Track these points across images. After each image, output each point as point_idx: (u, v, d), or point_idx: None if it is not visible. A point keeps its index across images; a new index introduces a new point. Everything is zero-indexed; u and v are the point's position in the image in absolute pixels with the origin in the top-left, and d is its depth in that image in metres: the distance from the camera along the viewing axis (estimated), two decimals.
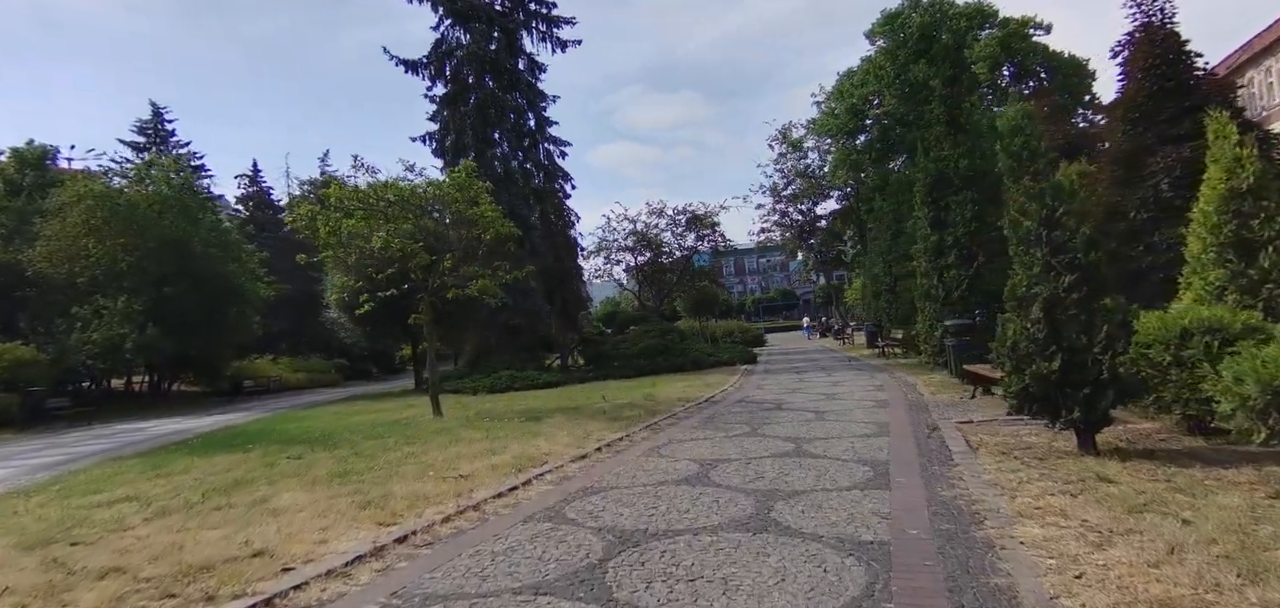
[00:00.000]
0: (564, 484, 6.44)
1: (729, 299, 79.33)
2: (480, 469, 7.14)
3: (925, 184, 13.35)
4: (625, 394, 15.21)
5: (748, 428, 9.22)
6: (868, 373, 16.98)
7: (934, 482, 5.76)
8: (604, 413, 11.61)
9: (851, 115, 45.68)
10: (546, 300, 32.10)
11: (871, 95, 45.64)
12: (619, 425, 10.01)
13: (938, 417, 9.26)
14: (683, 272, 38.29)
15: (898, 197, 25.50)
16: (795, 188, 50.35)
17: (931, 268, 13.17)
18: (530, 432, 9.80)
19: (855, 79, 46.77)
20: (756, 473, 6.40)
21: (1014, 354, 6.69)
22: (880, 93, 44.63)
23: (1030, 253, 6.73)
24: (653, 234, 36.95)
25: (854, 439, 7.88)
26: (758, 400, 12.51)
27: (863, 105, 45.70)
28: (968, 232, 12.66)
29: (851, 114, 45.67)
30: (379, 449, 9.00)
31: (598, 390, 17.28)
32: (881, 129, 43.87)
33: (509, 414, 12.55)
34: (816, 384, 14.88)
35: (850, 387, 13.78)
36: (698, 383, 17.00)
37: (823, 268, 56.52)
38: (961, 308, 12.53)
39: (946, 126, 13.16)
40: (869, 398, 11.68)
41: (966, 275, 12.57)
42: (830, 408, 10.76)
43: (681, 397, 13.65)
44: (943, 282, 12.88)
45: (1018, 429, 8.05)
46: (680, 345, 24.49)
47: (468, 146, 25.20)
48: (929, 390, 12.04)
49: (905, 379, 14.45)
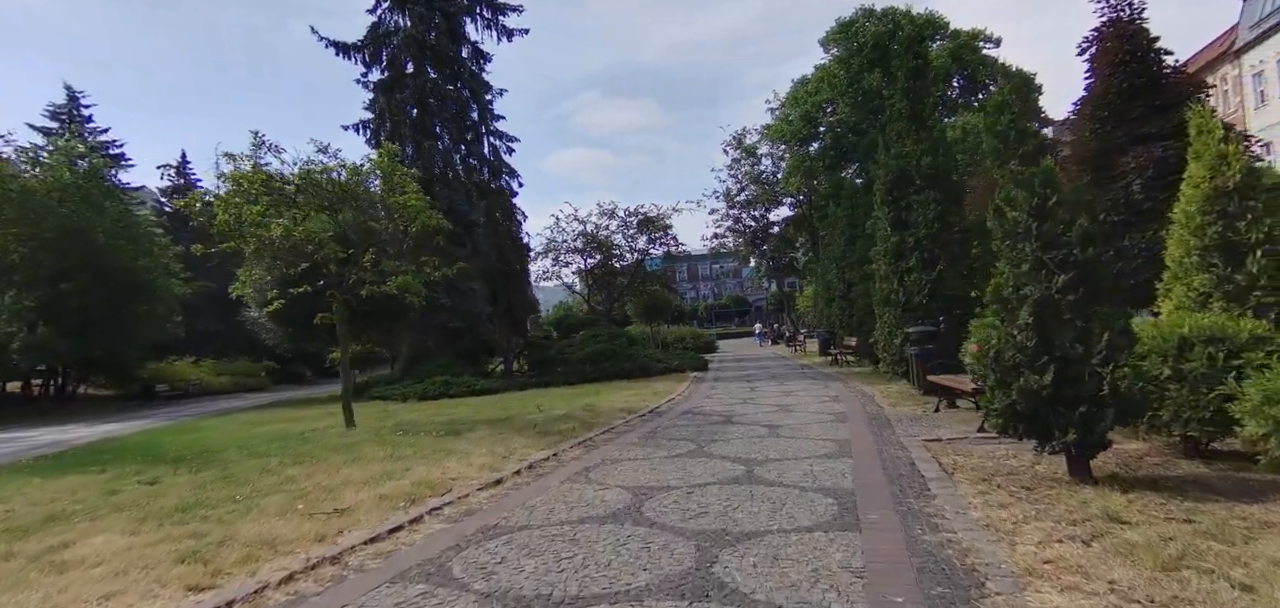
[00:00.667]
0: (463, 522, 5.19)
1: (682, 305, 78.78)
2: (365, 501, 5.83)
3: (886, 182, 12.56)
4: (565, 403, 13.97)
5: (693, 446, 8.11)
6: (822, 382, 16.14)
7: (912, 520, 4.73)
8: (535, 426, 10.35)
9: (805, 122, 45.59)
10: (490, 302, 30.64)
11: (825, 103, 45.64)
12: (548, 441, 8.78)
13: (902, 434, 8.33)
14: (634, 275, 37.15)
15: (852, 201, 25.00)
16: (749, 194, 50.04)
17: (891, 271, 12.37)
18: (444, 449, 8.48)
19: (809, 86, 46.73)
20: (699, 506, 5.28)
21: (998, 365, 5.75)
22: (834, 101, 44.60)
23: (1017, 248, 5.80)
24: (603, 236, 35.71)
25: (813, 462, 6.85)
26: (706, 412, 11.45)
27: (816, 112, 45.66)
28: (930, 233, 11.90)
29: (805, 121, 45.58)
30: (256, 471, 7.55)
31: (537, 398, 15.98)
32: (834, 137, 43.84)
33: (430, 426, 11.18)
34: (769, 394, 13.93)
35: (805, 398, 12.86)
36: (644, 391, 15.87)
37: (775, 274, 56.44)
38: (923, 314, 11.74)
39: (908, 121, 12.40)
40: (826, 411, 10.75)
41: (928, 279, 11.79)
42: (785, 422, 9.75)
43: (624, 407, 12.50)
44: (903, 286, 12.08)
45: (992, 449, 7.16)
46: (628, 351, 23.35)
47: (405, 137, 23.59)
48: (888, 402, 11.19)
49: (862, 390, 13.62)
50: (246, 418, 16.70)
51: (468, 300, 23.85)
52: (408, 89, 23.53)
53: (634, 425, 10.24)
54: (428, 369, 21.61)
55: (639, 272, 38.15)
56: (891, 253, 12.41)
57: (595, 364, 21.99)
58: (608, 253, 36.59)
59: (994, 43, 47.32)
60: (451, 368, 21.22)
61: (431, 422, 11.98)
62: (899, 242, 12.32)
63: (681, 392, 15.70)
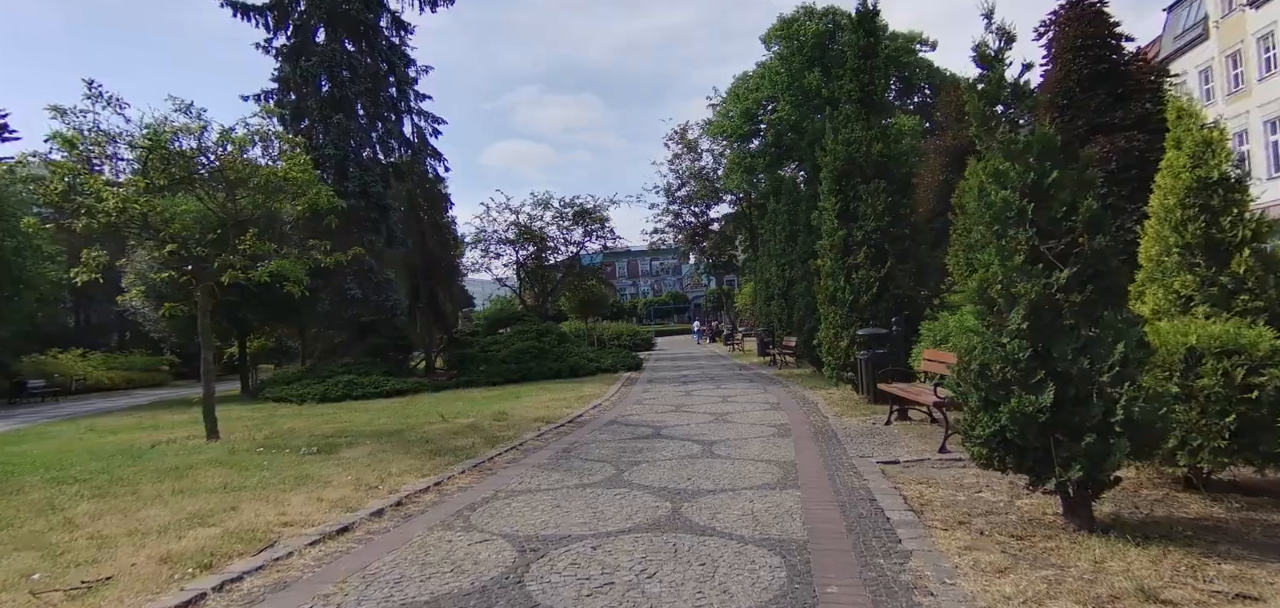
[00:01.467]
0: (261, 605, 3.64)
1: (620, 301, 77.48)
2: (140, 563, 4.19)
3: (833, 170, 11.50)
4: (477, 409, 12.38)
5: (612, 471, 6.73)
6: (761, 386, 15.07)
7: (885, 597, 3.48)
8: (429, 441, 8.76)
9: (745, 118, 45.09)
10: (411, 295, 28.60)
11: (766, 100, 45.25)
12: (437, 464, 7.24)
13: (854, 453, 7.19)
14: (569, 269, 35.56)
15: (793, 197, 24.20)
16: (689, 189, 49.27)
17: (838, 267, 11.32)
18: (301, 475, 6.83)
19: (750, 83, 46.24)
20: (605, 571, 3.90)
21: (983, 382, 4.59)
22: (775, 98, 44.21)
23: (1009, 236, 4.66)
24: (537, 227, 33.98)
25: (754, 495, 5.57)
26: (634, 423, 10.10)
27: (757, 110, 45.22)
28: (880, 226, 10.89)
29: (745, 117, 45.07)
30: (32, 509, 5.74)
31: (449, 402, 14.31)
32: (775, 134, 43.45)
33: (306, 439, 9.42)
34: (705, 400, 12.72)
35: (743, 404, 11.69)
36: (569, 395, 14.41)
37: (714, 272, 55.92)
38: (870, 314, 10.74)
39: (859, 104, 11.38)
40: (767, 422, 9.57)
41: (878, 277, 10.79)
42: (720, 437, 8.50)
43: (542, 415, 11.02)
44: (851, 284, 11.04)
45: (958, 476, 6.08)
46: (557, 349, 21.83)
47: (310, 110, 21.31)
48: (834, 411, 10.12)
49: (804, 395, 12.57)
50: (106, 423, 14.39)
51: (383, 292, 21.80)
52: (316, 57, 21.24)
53: (547, 441, 8.78)
54: (334, 367, 19.49)
55: (575, 265, 36.60)
56: (838, 248, 11.36)
57: (520, 363, 20.39)
58: (541, 245, 34.92)
59: (930, 46, 47.96)
60: (360, 366, 19.18)
61: (311, 433, 10.19)
62: (846, 236, 11.28)
63: (610, 396, 14.32)
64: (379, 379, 18.03)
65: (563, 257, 35.57)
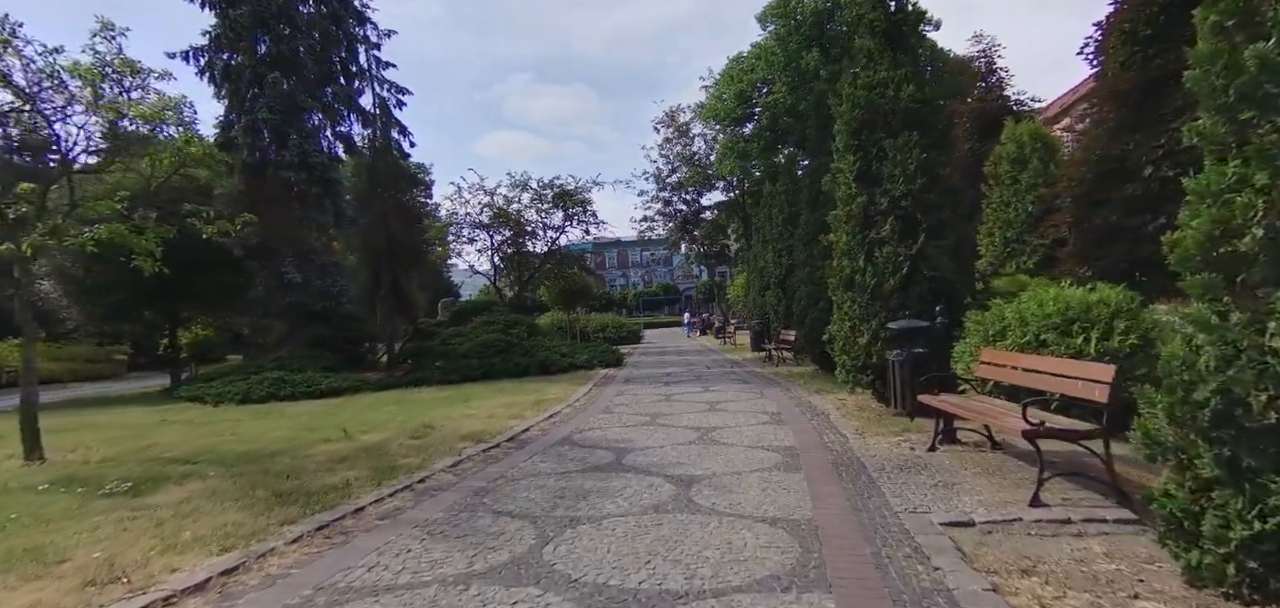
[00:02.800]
0: None
1: (609, 292, 75.00)
2: None
3: (851, 121, 9.08)
4: (402, 418, 9.93)
5: (530, 539, 4.31)
6: (756, 387, 12.69)
7: None
8: (292, 476, 6.28)
9: (740, 101, 42.79)
10: (372, 281, 26.04)
11: (761, 82, 43.01)
12: (267, 522, 4.78)
13: (900, 504, 4.79)
14: (548, 256, 33.02)
15: (791, 176, 21.85)
16: (681, 175, 46.99)
17: (856, 244, 8.91)
18: (31, 548, 4.37)
19: (745, 64, 43.80)
20: None
21: (1225, 427, 2.19)
22: (771, 80, 41.99)
23: None
24: (513, 211, 31.36)
25: (755, 600, 3.17)
26: (591, 443, 7.68)
27: (752, 92, 42.95)
28: (910, 191, 8.49)
29: (740, 99, 42.76)
30: None
31: (379, 407, 11.87)
32: (770, 117, 41.19)
33: (147, 465, 6.96)
34: (687, 407, 10.34)
35: (736, 414, 9.31)
36: (527, 398, 11.96)
37: (706, 262, 53.64)
38: (898, 301, 8.35)
39: (883, 38, 8.98)
40: (767, 444, 7.18)
41: (907, 255, 8.39)
42: (704, 469, 6.11)
43: (477, 430, 8.55)
44: (873, 264, 8.64)
45: (1086, 555, 3.70)
46: (526, 343, 19.36)
47: (243, 70, 18.69)
48: (853, 427, 7.74)
49: (810, 401, 10.20)
50: None
51: (328, 276, 19.23)
52: (248, 6, 18.58)
53: (463, 474, 6.34)
54: (265, 363, 16.95)
55: (560, 253, 34.02)
56: (857, 218, 8.94)
57: (483, 359, 17.92)
58: (519, 230, 32.35)
59: (934, 25, 45.62)
60: (298, 361, 16.64)
61: (167, 455, 7.70)
62: (867, 203, 8.86)
63: (577, 399, 11.90)
64: (314, 376, 15.52)
65: (544, 243, 33.03)
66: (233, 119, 18.42)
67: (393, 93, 26.37)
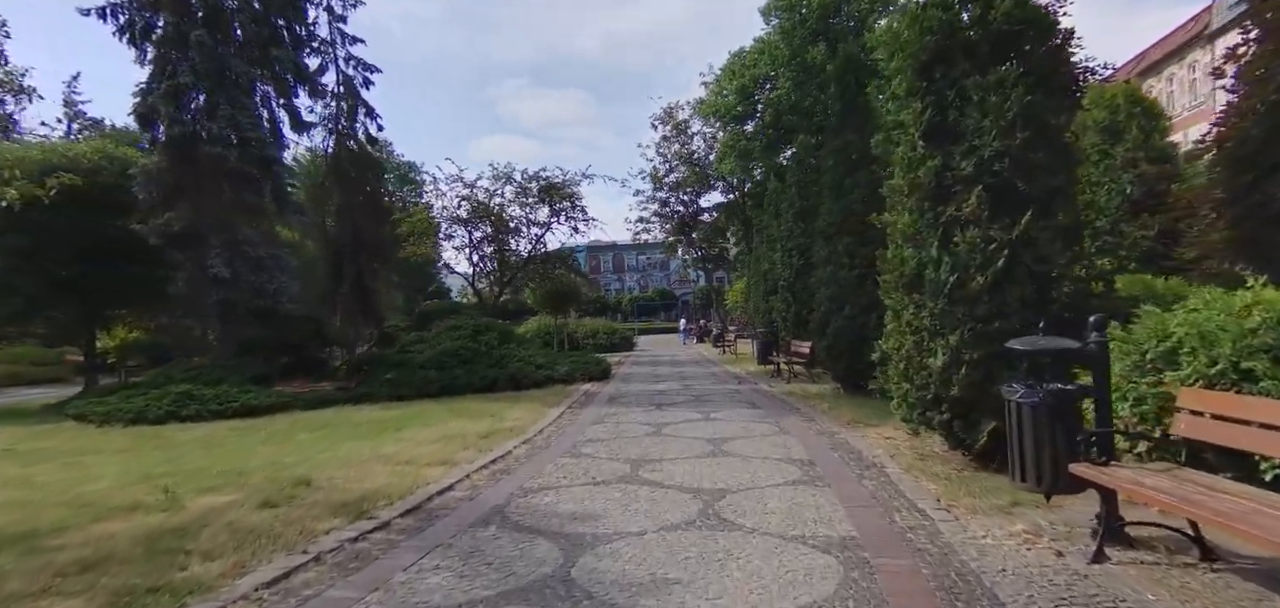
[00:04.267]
0: None
1: (604, 297, 72.21)
2: None
3: (916, 55, 6.42)
4: (295, 457, 7.21)
5: None
6: (771, 416, 10.00)
7: None
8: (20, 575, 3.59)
9: (741, 97, 40.46)
10: (332, 278, 23.29)
11: (764, 78, 40.76)
12: None
13: None
14: (532, 256, 30.30)
15: (803, 167, 19.22)
16: (678, 175, 44.55)
17: (926, 225, 6.23)
18: None
19: (747, 59, 41.48)
20: None
21: None
22: (774, 75, 39.65)
23: None
24: (495, 206, 28.63)
25: None
26: (531, 524, 4.97)
27: (754, 87, 40.63)
28: (1008, 148, 5.82)
29: (741, 96, 40.42)
30: None
31: (286, 436, 9.14)
32: (773, 114, 38.82)
33: None
34: (683, 447, 7.65)
35: (750, 465, 6.63)
36: (473, 430, 9.20)
37: (703, 266, 51.10)
38: (992, 306, 5.68)
39: None
40: (807, 528, 4.54)
41: (1005, 240, 5.71)
42: (711, 596, 3.42)
43: (371, 492, 5.80)
44: (951, 254, 5.96)
45: None
46: (496, 352, 16.63)
47: (168, 28, 15.95)
48: (933, 496, 5.10)
49: (849, 443, 7.52)
50: None
51: (263, 271, 16.44)
52: None
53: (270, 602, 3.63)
54: (174, 373, 14.17)
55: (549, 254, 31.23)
56: (925, 191, 6.27)
57: (443, 370, 15.19)
58: (501, 226, 29.62)
59: None
60: (214, 373, 13.84)
61: None
62: (941, 169, 6.19)
63: (537, 431, 9.18)
64: (229, 391, 12.75)
65: (528, 241, 30.28)
66: (154, 86, 15.68)
67: (360, 70, 23.70)
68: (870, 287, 12.27)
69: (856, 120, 12.50)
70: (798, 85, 37.10)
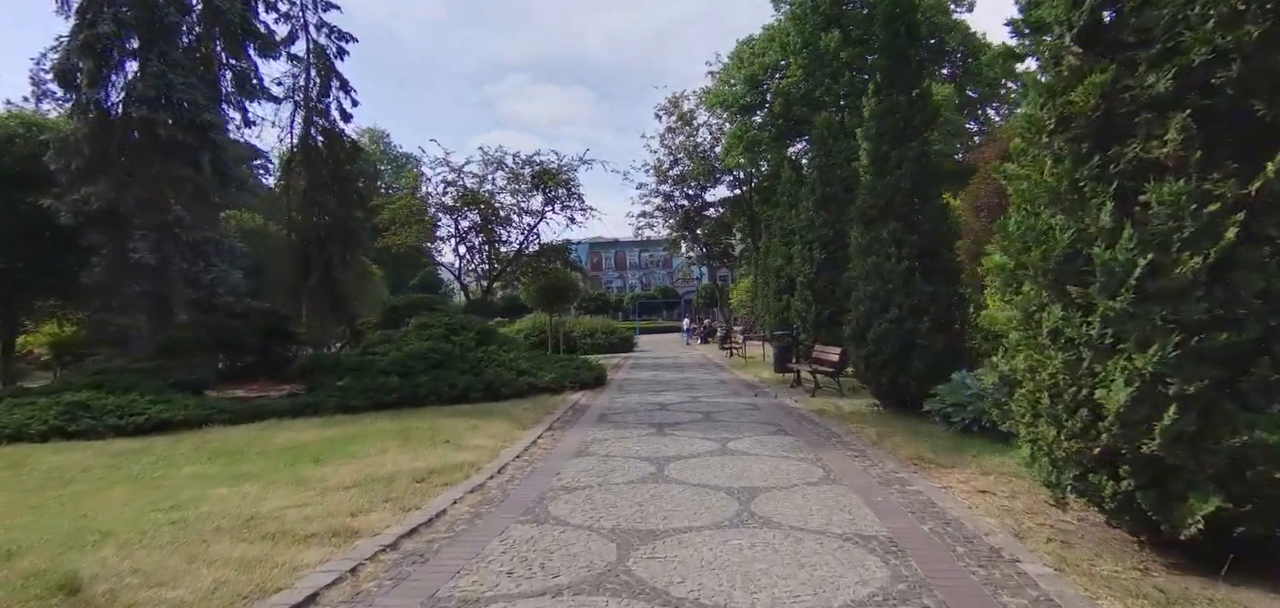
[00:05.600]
0: None
1: (605, 294, 69.89)
2: None
3: None
4: (136, 511, 4.92)
5: None
6: (810, 451, 7.65)
7: None
8: None
9: (750, 86, 38.29)
10: (299, 269, 21.07)
11: (773, 67, 38.62)
12: None
13: None
14: (523, 249, 27.94)
15: (824, 146, 16.95)
16: (683, 168, 42.29)
17: (1090, 176, 3.91)
18: None
19: (756, 47, 39.31)
20: None
21: None
22: (784, 63, 37.48)
23: None
24: (484, 193, 26.24)
25: None
26: None
27: (763, 76, 38.46)
28: (1235, 48, 3.51)
29: (750, 85, 38.25)
30: None
31: (135, 480, 6.85)
32: (783, 104, 36.56)
33: None
34: (696, 505, 5.36)
35: (799, 544, 4.36)
36: (412, 467, 6.86)
37: (708, 263, 48.77)
38: (1223, 302, 3.39)
39: None
40: None
41: (1237, 197, 3.41)
42: None
43: (207, 590, 3.52)
44: (1138, 224, 3.65)
45: None
46: (472, 354, 14.28)
47: None
48: None
49: (935, 504, 5.22)
50: None
51: (201, 258, 14.08)
52: None
53: None
54: (75, 377, 11.86)
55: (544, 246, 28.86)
56: (1087, 123, 3.94)
57: (408, 377, 12.86)
58: (490, 215, 27.26)
59: (966, 7, 40.86)
60: (122, 378, 11.50)
61: None
62: (1109, 89, 3.87)
63: (496, 472, 6.86)
64: (136, 401, 10.43)
65: (520, 232, 27.90)
66: (74, 39, 13.37)
67: (333, 39, 21.46)
68: (921, 282, 9.98)
69: (907, 79, 10.17)
70: (809, 74, 34.85)
